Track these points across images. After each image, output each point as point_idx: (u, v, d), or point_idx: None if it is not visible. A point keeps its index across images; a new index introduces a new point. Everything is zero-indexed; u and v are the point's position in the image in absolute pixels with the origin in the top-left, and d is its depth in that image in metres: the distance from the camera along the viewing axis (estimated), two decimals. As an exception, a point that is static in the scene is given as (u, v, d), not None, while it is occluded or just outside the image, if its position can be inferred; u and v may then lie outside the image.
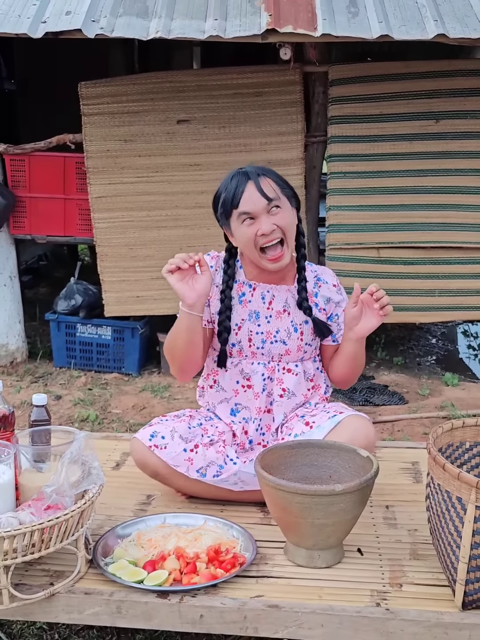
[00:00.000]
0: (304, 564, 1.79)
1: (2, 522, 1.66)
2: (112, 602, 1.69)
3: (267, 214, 1.98)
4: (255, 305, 2.11)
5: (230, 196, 1.97)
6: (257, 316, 2.11)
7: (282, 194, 2.00)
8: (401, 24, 3.16)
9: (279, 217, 1.99)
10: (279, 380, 2.12)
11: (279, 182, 2.01)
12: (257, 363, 2.12)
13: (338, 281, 2.19)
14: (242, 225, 1.99)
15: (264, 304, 2.11)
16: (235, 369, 2.14)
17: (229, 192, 1.98)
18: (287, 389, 2.12)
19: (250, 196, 1.96)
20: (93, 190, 4.07)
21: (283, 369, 2.12)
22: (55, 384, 4.24)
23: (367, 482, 1.72)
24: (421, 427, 3.62)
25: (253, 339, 2.11)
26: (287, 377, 2.12)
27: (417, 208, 4.01)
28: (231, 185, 1.98)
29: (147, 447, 2.05)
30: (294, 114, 3.89)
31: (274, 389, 2.13)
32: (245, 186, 1.96)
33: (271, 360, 2.12)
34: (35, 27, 3.19)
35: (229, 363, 2.14)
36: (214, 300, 2.13)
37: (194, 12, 3.24)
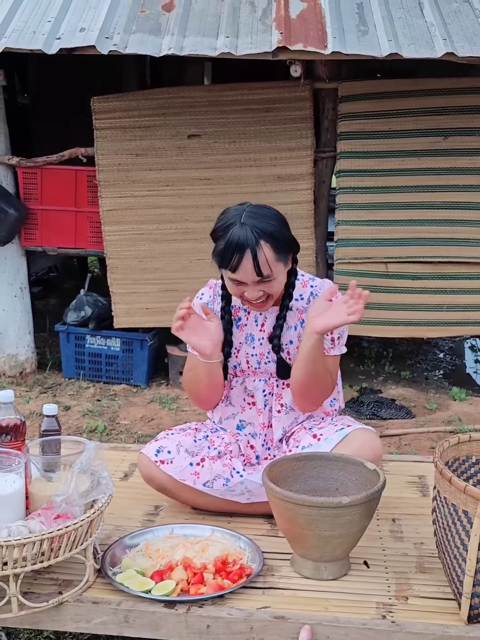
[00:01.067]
0: (310, 575, 1.80)
1: (12, 530, 1.67)
2: (120, 612, 1.70)
3: (257, 283, 1.95)
4: (250, 329, 2.14)
5: (225, 260, 1.92)
6: (252, 339, 2.14)
7: (278, 262, 1.95)
8: (410, 42, 3.20)
9: (268, 286, 1.97)
10: (278, 395, 2.15)
11: (276, 246, 1.93)
12: (259, 380, 2.16)
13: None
14: (230, 282, 1.99)
15: (257, 327, 2.14)
16: (240, 386, 2.18)
17: (224, 253, 1.91)
18: (284, 404, 2.15)
19: (244, 269, 1.90)
20: (104, 203, 4.11)
21: (283, 383, 2.15)
22: (64, 395, 4.26)
23: (374, 495, 1.73)
24: (428, 441, 3.63)
25: (250, 361, 2.15)
26: (286, 392, 2.14)
27: (425, 223, 4.04)
28: (228, 246, 1.90)
29: (153, 463, 2.07)
30: (304, 129, 3.93)
31: (273, 404, 2.16)
32: (241, 257, 1.88)
33: (271, 377, 2.15)
34: (50, 43, 3.24)
35: (235, 381, 2.18)
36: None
37: (205, 29, 3.29)
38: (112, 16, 3.37)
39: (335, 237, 4.12)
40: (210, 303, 2.16)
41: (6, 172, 4.21)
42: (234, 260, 1.90)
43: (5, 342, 4.39)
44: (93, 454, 1.82)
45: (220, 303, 2.15)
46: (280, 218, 2.00)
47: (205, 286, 2.21)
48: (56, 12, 3.40)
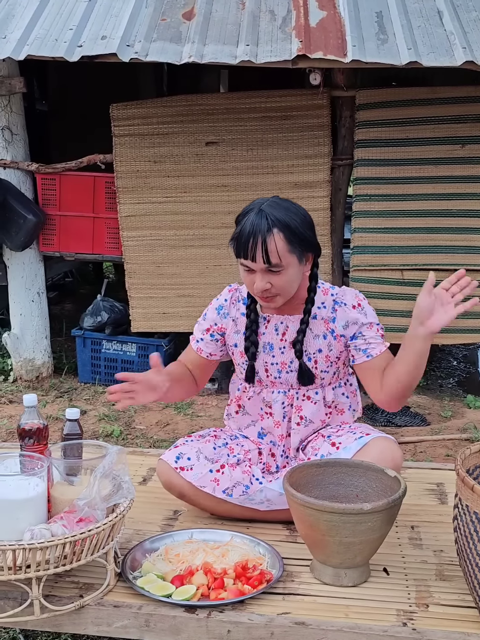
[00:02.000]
0: (330, 582, 1.81)
1: (35, 533, 1.69)
2: (141, 616, 1.71)
3: (265, 272, 1.94)
4: (269, 337, 2.12)
5: (238, 245, 1.93)
6: (270, 348, 2.12)
7: (290, 254, 1.93)
8: (430, 50, 3.20)
9: (277, 277, 1.95)
10: (298, 407, 2.14)
11: (292, 239, 1.92)
12: (277, 392, 2.15)
13: (361, 300, 2.10)
14: (242, 270, 1.99)
15: (277, 335, 2.12)
16: (257, 397, 2.18)
17: (238, 238, 1.93)
18: (304, 417, 2.14)
19: (253, 255, 1.90)
20: (122, 209, 4.14)
21: (303, 395, 2.14)
22: (80, 399, 4.29)
23: (395, 502, 1.74)
24: (444, 448, 3.62)
25: (269, 370, 2.13)
26: (306, 404, 2.14)
27: (441, 231, 4.04)
28: (242, 231, 1.91)
29: (173, 469, 2.07)
30: (321, 137, 3.94)
31: (292, 416, 2.15)
32: (252, 242, 1.89)
33: (291, 388, 2.14)
34: (71, 51, 3.27)
35: (252, 391, 2.18)
36: (230, 332, 2.17)
37: (226, 37, 3.31)
38: (133, 24, 3.40)
39: (352, 244, 4.12)
40: (225, 307, 2.17)
41: (25, 177, 4.25)
42: (246, 245, 1.90)
43: (22, 346, 4.43)
44: (115, 458, 1.84)
45: (239, 308, 2.16)
46: (303, 215, 1.98)
47: (225, 289, 2.22)
48: (78, 20, 3.44)
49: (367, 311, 2.10)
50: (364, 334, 2.07)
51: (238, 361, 2.19)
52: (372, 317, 2.09)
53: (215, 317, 2.19)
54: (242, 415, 2.22)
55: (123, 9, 3.51)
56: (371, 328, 2.08)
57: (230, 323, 2.16)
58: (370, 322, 2.08)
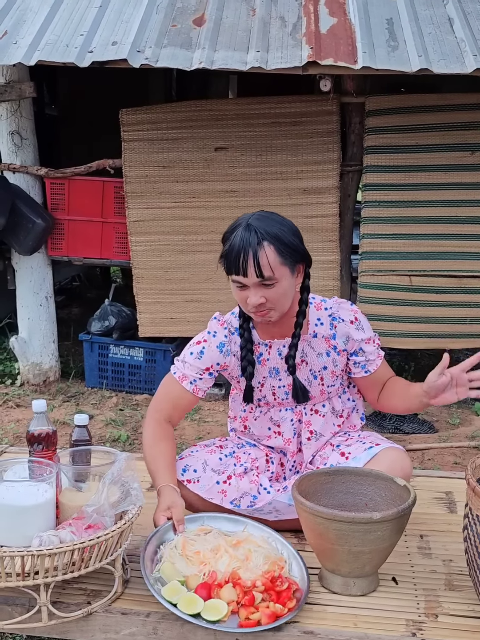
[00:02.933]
0: (339, 591, 1.80)
1: (44, 539, 1.69)
2: (149, 623, 1.71)
3: (258, 286, 1.90)
4: (274, 363, 2.10)
5: (229, 261, 1.89)
6: (277, 372, 2.11)
7: (282, 266, 1.89)
8: (440, 57, 3.20)
9: (271, 291, 1.91)
10: (307, 422, 2.14)
11: (283, 251, 1.89)
12: (285, 409, 2.14)
13: (357, 314, 2.09)
14: (235, 287, 1.94)
15: (281, 359, 2.09)
16: (264, 417, 2.17)
17: (228, 254, 1.89)
18: (314, 431, 2.14)
19: (245, 269, 1.86)
20: (131, 214, 4.15)
21: (311, 410, 2.14)
22: (86, 404, 4.29)
23: (405, 511, 1.73)
24: (452, 456, 3.61)
25: (277, 393, 2.13)
26: (315, 418, 2.14)
27: (450, 237, 4.03)
28: (232, 247, 1.88)
29: (180, 482, 2.06)
30: (330, 143, 3.94)
31: (302, 431, 2.15)
32: (244, 257, 1.85)
33: (298, 405, 2.13)
34: (82, 57, 3.28)
35: (258, 412, 2.16)
36: (234, 367, 2.12)
37: (236, 44, 3.31)
38: (144, 30, 3.41)
39: (360, 250, 4.12)
40: (226, 344, 2.09)
41: (34, 182, 4.27)
42: (237, 260, 1.86)
43: (29, 350, 4.43)
44: (124, 465, 1.84)
45: (236, 341, 2.09)
46: (290, 226, 1.95)
47: (213, 322, 2.12)
48: (88, 26, 3.44)
49: (364, 325, 2.10)
50: (364, 349, 2.09)
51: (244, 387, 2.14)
52: (369, 331, 2.11)
53: (217, 356, 2.09)
54: (249, 432, 2.22)
55: (134, 15, 3.52)
56: (369, 342, 2.10)
57: (233, 359, 2.11)
58: (369, 337, 2.10)
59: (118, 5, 3.62)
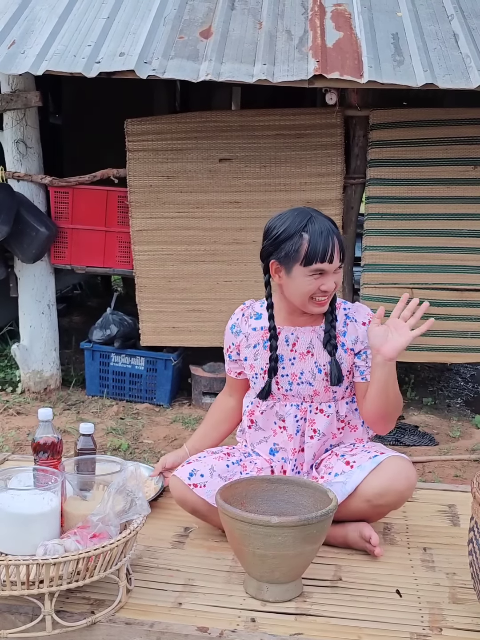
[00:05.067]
0: (254, 595, 1.82)
1: (49, 548, 1.68)
2: (153, 633, 1.70)
3: (334, 273, 2.02)
4: (280, 350, 2.13)
5: (315, 251, 1.96)
6: (281, 359, 2.13)
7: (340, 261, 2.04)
8: (445, 72, 3.23)
9: (339, 276, 2.04)
10: (311, 421, 2.14)
11: (341, 241, 2.03)
12: (290, 405, 2.15)
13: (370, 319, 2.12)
14: (308, 277, 2.00)
15: (287, 347, 2.12)
16: (270, 410, 2.17)
17: (314, 245, 1.96)
18: (317, 430, 2.14)
19: (332, 255, 1.98)
20: (134, 224, 4.16)
21: (316, 409, 2.14)
22: (87, 412, 4.29)
23: (308, 521, 1.72)
24: (452, 469, 3.61)
25: (280, 382, 2.13)
26: (319, 417, 2.14)
27: (452, 250, 4.05)
28: (316, 237, 1.96)
29: (186, 486, 2.07)
30: (334, 155, 3.97)
31: (306, 430, 2.15)
32: (331, 243, 1.97)
33: (304, 401, 2.14)
34: (89, 67, 3.31)
35: (264, 405, 2.17)
36: (242, 347, 2.17)
37: (243, 56, 3.34)
38: (151, 41, 3.44)
39: (362, 262, 4.14)
40: (237, 325, 2.19)
41: (38, 190, 4.28)
42: (325, 248, 1.96)
43: (31, 358, 4.43)
44: (129, 474, 1.84)
45: (251, 324, 2.17)
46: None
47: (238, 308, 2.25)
48: (96, 36, 3.47)
49: None
50: (368, 355, 2.11)
51: (248, 375, 2.19)
52: None
53: (230, 337, 2.22)
54: (255, 430, 2.21)
55: (141, 27, 3.55)
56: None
57: (243, 339, 2.18)
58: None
59: (125, 16, 3.65)
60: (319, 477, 2.10)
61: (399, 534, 2.18)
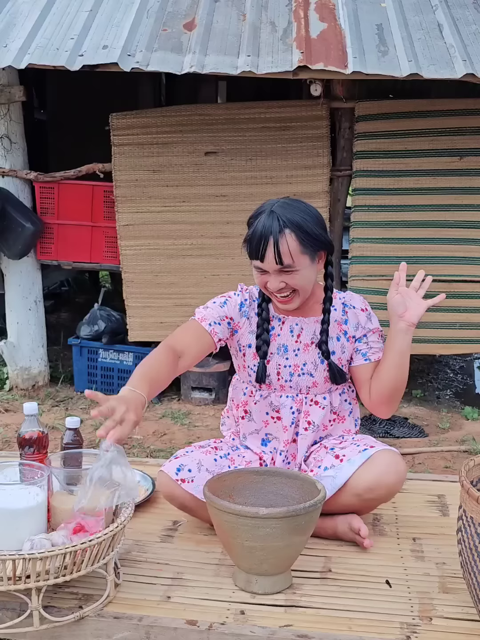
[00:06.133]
0: (243, 587, 1.82)
1: (35, 543, 1.67)
2: (141, 627, 1.69)
3: (278, 273, 1.96)
4: (284, 339, 2.12)
5: (251, 247, 1.96)
6: (285, 349, 2.12)
7: (303, 254, 1.95)
8: (430, 63, 3.22)
9: (290, 277, 1.97)
10: (306, 413, 2.14)
11: (304, 239, 1.94)
12: (286, 396, 2.14)
13: (367, 306, 2.15)
14: (255, 271, 2.01)
15: (292, 337, 2.12)
16: (264, 401, 2.16)
17: (251, 240, 1.95)
18: (312, 422, 2.13)
19: (266, 256, 1.93)
20: (121, 218, 4.14)
21: (311, 401, 2.13)
22: (76, 408, 4.27)
23: (297, 512, 1.72)
24: (442, 460, 3.62)
25: (281, 372, 2.12)
26: (314, 409, 2.13)
27: (439, 241, 4.05)
28: (254, 233, 1.94)
29: (174, 481, 2.05)
30: (320, 148, 3.96)
31: (300, 421, 2.14)
32: (264, 244, 1.92)
33: (299, 393, 2.13)
34: (72, 60, 3.28)
35: (258, 395, 2.16)
36: (245, 332, 2.14)
37: (227, 48, 3.32)
38: (135, 34, 3.41)
39: (350, 255, 4.13)
40: (246, 306, 2.14)
41: (23, 186, 4.25)
42: (258, 246, 1.93)
43: (18, 354, 4.41)
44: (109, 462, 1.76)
45: (254, 308, 2.14)
46: (314, 214, 2.00)
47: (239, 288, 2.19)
48: (79, 29, 3.44)
49: (372, 317, 2.15)
50: (368, 338, 2.12)
51: (249, 363, 2.15)
52: (377, 323, 2.15)
53: (235, 313, 2.13)
54: (248, 421, 2.20)
55: (124, 19, 3.52)
56: (375, 333, 2.14)
57: (246, 322, 2.14)
58: (376, 328, 2.14)
59: (108, 9, 3.62)
60: (309, 470, 2.09)
61: (388, 524, 2.18)
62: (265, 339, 2.10)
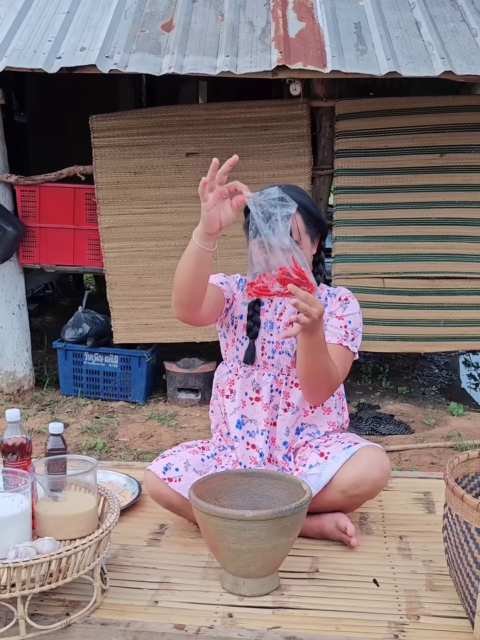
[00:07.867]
0: (230, 590, 1.81)
1: (20, 551, 1.66)
2: (129, 633, 1.68)
3: None
4: (270, 316, 2.16)
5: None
6: (271, 326, 2.15)
7: (306, 235, 2.02)
8: (408, 61, 3.23)
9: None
10: (286, 393, 2.14)
11: (307, 218, 2.02)
12: (268, 374, 2.15)
13: (349, 297, 2.12)
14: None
15: (275, 315, 2.16)
16: (247, 379, 2.17)
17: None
18: (291, 403, 2.14)
19: None
20: (103, 221, 4.12)
21: (291, 382, 2.14)
22: (62, 412, 4.25)
23: (283, 514, 1.71)
24: (428, 456, 3.63)
25: (265, 348, 2.15)
26: (294, 391, 2.14)
27: (421, 239, 4.07)
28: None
29: (161, 480, 2.05)
30: (301, 147, 3.96)
31: (280, 402, 2.15)
32: None
33: (280, 373, 2.15)
34: (50, 63, 3.26)
35: (242, 372, 2.17)
36: (239, 303, 2.18)
37: (205, 48, 3.31)
38: (112, 36, 3.40)
39: (333, 253, 4.14)
40: (242, 282, 2.18)
41: (4, 190, 4.22)
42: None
43: (2, 359, 4.38)
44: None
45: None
46: (312, 199, 2.10)
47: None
48: (56, 31, 3.42)
49: (348, 307, 2.11)
50: (329, 321, 2.09)
51: (238, 336, 2.18)
52: (348, 314, 2.10)
53: (234, 284, 2.19)
54: (232, 401, 2.19)
55: (102, 21, 3.51)
56: (339, 320, 2.09)
57: (240, 294, 2.18)
58: (342, 316, 2.10)
59: (86, 11, 3.60)
60: (294, 469, 2.09)
61: (375, 523, 2.18)
62: (256, 320, 2.13)
